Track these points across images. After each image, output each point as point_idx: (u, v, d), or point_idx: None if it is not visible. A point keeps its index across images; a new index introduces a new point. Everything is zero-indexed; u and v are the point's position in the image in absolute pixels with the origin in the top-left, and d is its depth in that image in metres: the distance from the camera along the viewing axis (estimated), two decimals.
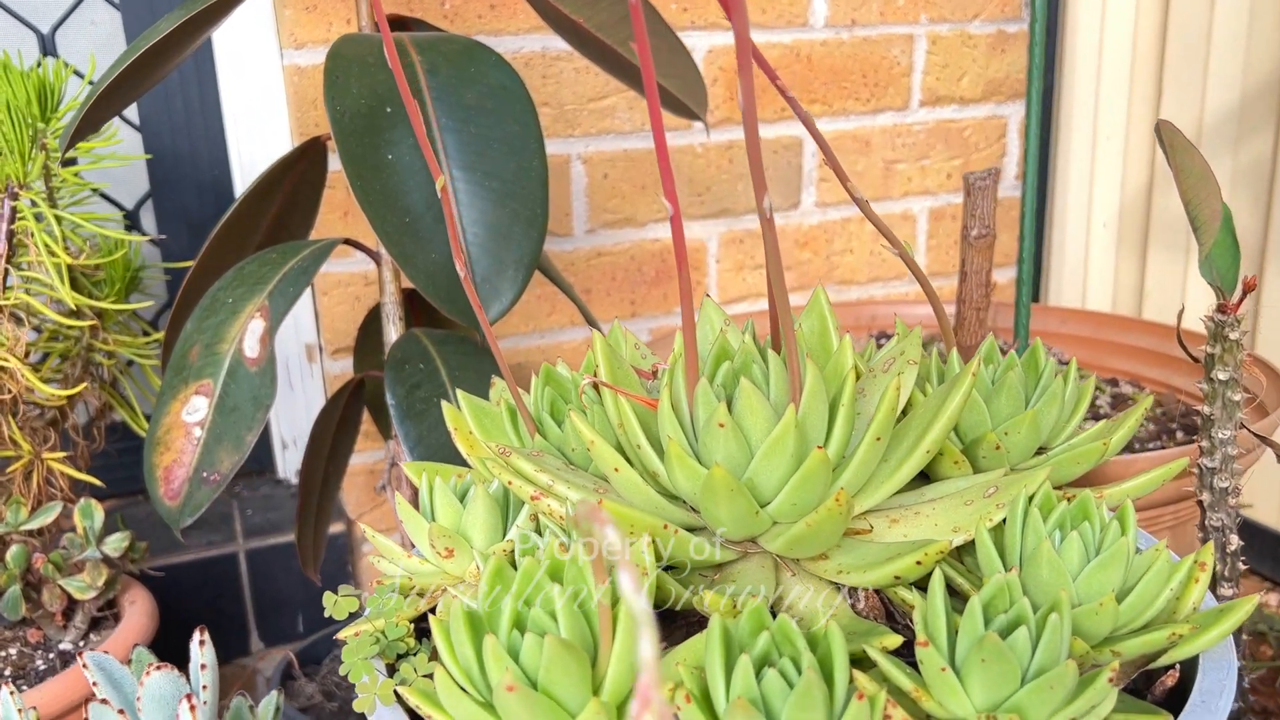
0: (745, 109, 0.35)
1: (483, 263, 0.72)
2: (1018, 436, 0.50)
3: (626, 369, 0.47)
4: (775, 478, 0.41)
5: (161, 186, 1.08)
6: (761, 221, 0.38)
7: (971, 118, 1.26)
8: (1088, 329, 1.03)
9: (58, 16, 1.03)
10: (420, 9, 1.03)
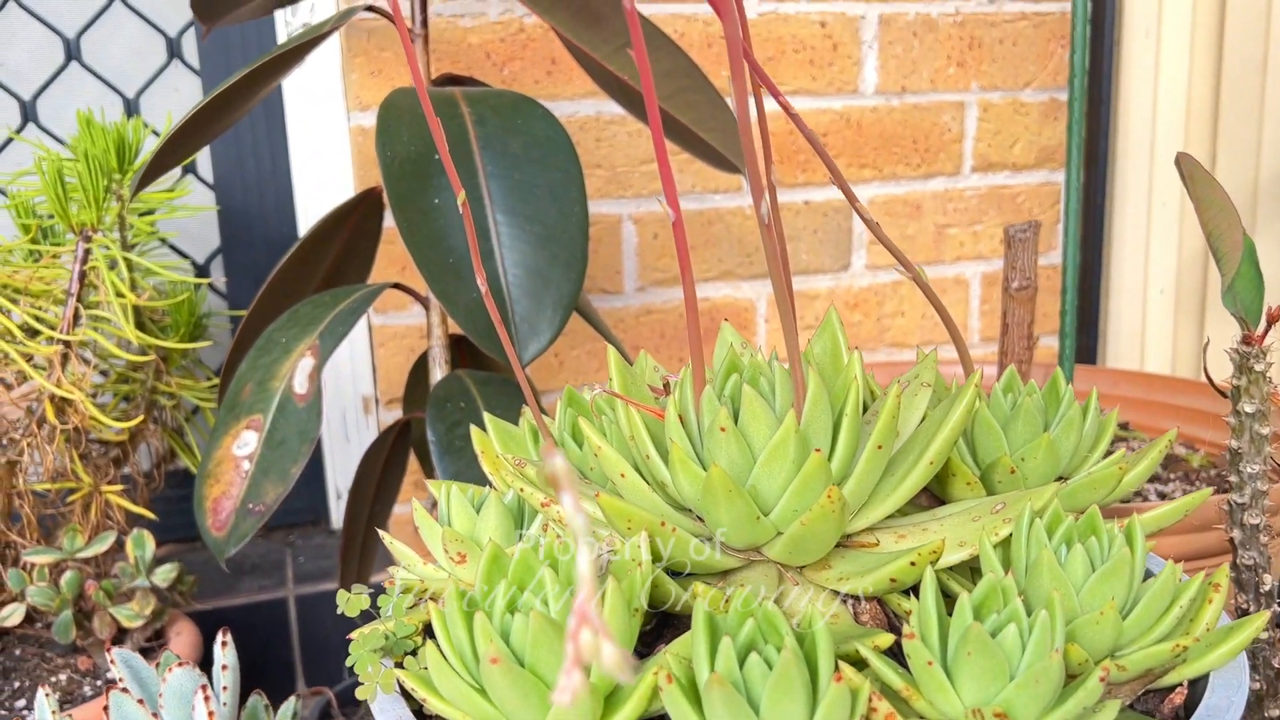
0: (738, 101, 0.37)
1: (522, 303, 0.74)
2: (1034, 462, 0.49)
3: (640, 383, 0.48)
4: (777, 484, 0.42)
5: (231, 242, 1.13)
6: (761, 228, 0.39)
7: (1025, 184, 1.26)
8: (1139, 390, 1.02)
9: (142, 82, 1.10)
10: (480, 73, 1.08)
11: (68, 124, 1.09)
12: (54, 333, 0.80)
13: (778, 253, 0.40)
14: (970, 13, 1.20)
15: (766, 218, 0.39)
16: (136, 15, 1.09)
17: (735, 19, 0.35)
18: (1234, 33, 1.10)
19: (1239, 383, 0.52)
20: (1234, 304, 0.52)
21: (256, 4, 0.92)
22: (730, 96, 1.14)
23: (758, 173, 0.38)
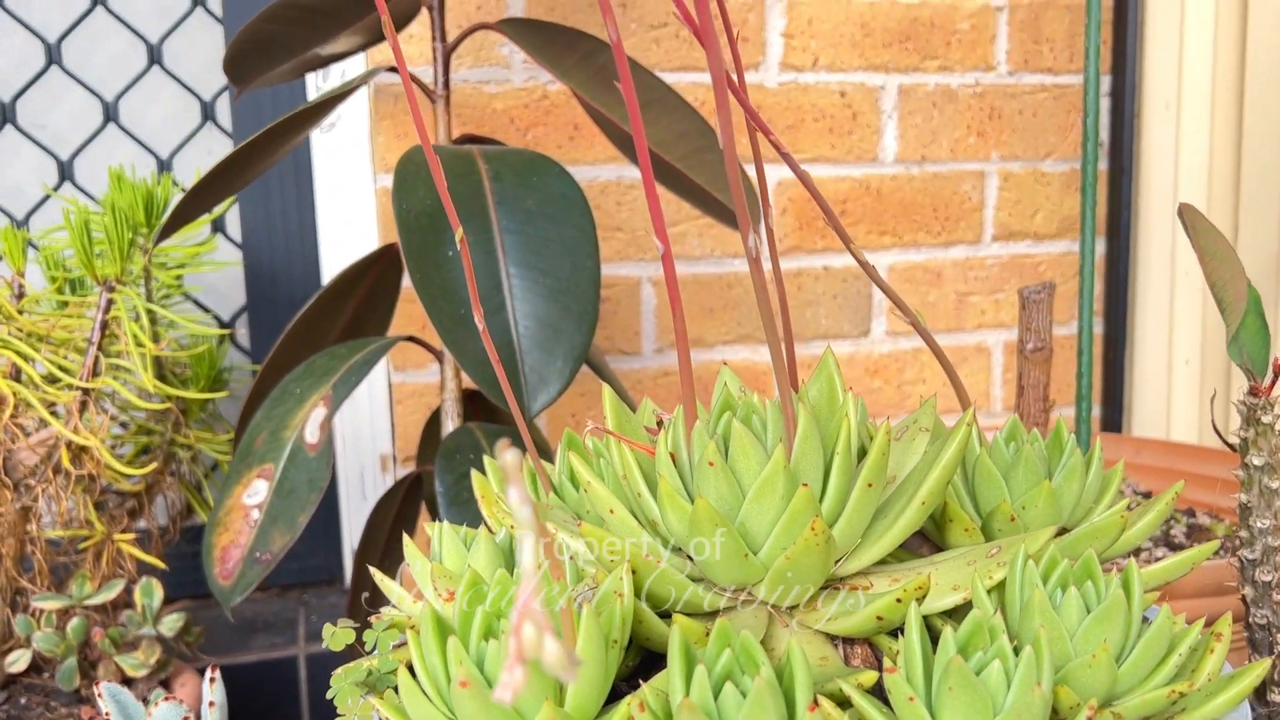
0: (725, 145, 0.37)
1: (533, 355, 0.75)
2: (1035, 511, 0.48)
3: (635, 422, 0.48)
4: (766, 520, 0.41)
5: (257, 300, 1.14)
6: (749, 261, 0.40)
7: (1046, 253, 1.26)
8: (1164, 459, 1.00)
9: (176, 143, 1.13)
10: (504, 137, 1.10)
11: (103, 183, 1.12)
12: (73, 379, 0.81)
13: (764, 285, 0.40)
14: (990, 84, 1.22)
15: (754, 251, 0.39)
16: (174, 80, 1.12)
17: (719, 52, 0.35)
18: (1253, 106, 1.10)
19: (1247, 435, 0.51)
20: (1239, 355, 0.51)
21: (287, 68, 0.95)
22: (750, 163, 1.16)
23: (744, 206, 0.38)
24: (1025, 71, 1.22)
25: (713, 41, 0.35)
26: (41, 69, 1.09)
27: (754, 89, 1.15)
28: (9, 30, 1.08)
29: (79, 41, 1.10)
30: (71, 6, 1.09)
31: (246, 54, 0.92)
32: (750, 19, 1.14)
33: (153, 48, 1.11)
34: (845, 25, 1.17)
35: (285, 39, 0.90)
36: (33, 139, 1.10)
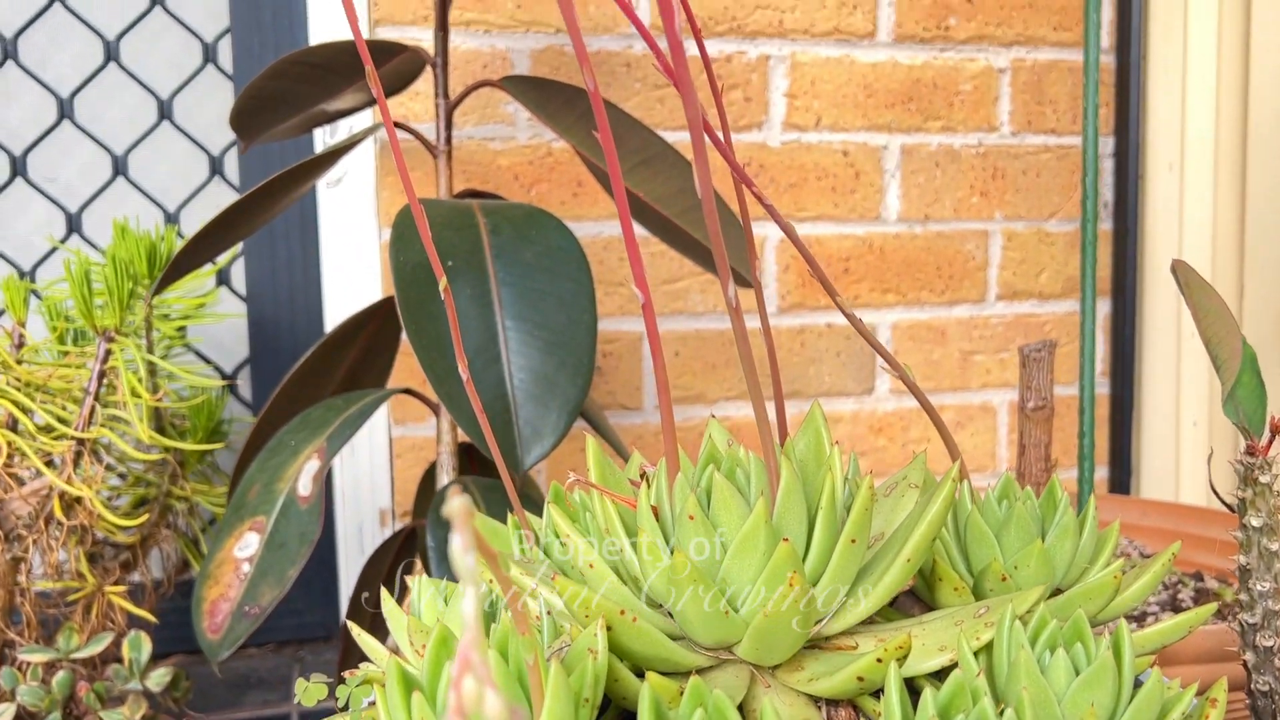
0: (703, 194, 0.37)
1: (527, 408, 0.74)
2: (1027, 570, 0.47)
3: (619, 475, 0.47)
4: (747, 576, 0.40)
5: (260, 352, 1.14)
6: (729, 311, 0.39)
7: (1051, 313, 1.26)
8: (1170, 521, 0.98)
9: (184, 197, 1.14)
10: (508, 193, 1.11)
11: (109, 236, 1.13)
12: (68, 429, 0.81)
13: (744, 333, 0.39)
14: (993, 145, 1.22)
15: (734, 301, 0.39)
16: (183, 135, 1.13)
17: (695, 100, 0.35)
18: (1256, 167, 1.10)
19: (1244, 495, 0.50)
20: (1235, 414, 0.50)
21: (294, 123, 0.96)
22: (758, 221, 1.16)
23: (722, 255, 0.38)
24: (1028, 132, 1.23)
25: (688, 89, 0.35)
26: (54, 123, 1.11)
27: (757, 148, 1.16)
28: (24, 85, 1.10)
29: (92, 96, 1.11)
30: (85, 63, 1.11)
31: (253, 110, 0.93)
32: (754, 79, 1.15)
33: (163, 103, 1.13)
34: (848, 86, 1.18)
35: (291, 95, 0.91)
36: (43, 192, 1.11)
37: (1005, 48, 1.21)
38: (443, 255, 0.77)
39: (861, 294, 1.20)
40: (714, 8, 1.13)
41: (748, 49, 1.15)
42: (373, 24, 1.07)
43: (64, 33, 1.10)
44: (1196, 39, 1.16)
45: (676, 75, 0.36)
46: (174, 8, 1.12)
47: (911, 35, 1.19)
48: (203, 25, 1.13)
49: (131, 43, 1.12)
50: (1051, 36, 1.22)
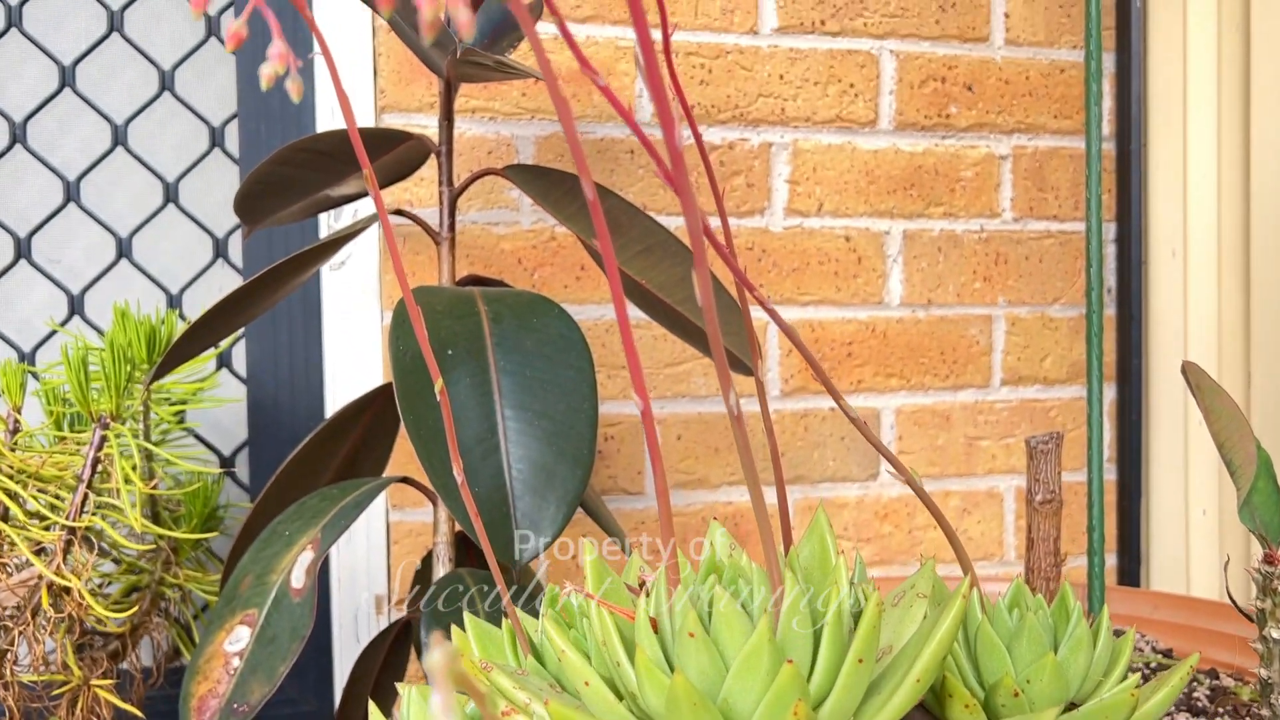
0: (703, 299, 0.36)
1: (525, 499, 0.73)
2: (1040, 685, 0.46)
3: (617, 583, 0.46)
4: (749, 700, 0.39)
5: (259, 435, 1.13)
6: (731, 418, 0.38)
7: (1057, 398, 1.25)
8: (1183, 615, 0.96)
9: (187, 279, 1.14)
10: (511, 277, 1.11)
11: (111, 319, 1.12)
12: (59, 518, 0.79)
13: (746, 443, 0.38)
14: (995, 230, 1.22)
15: (735, 409, 0.38)
16: (188, 218, 1.14)
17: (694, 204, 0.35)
18: (1259, 255, 1.10)
19: (1263, 606, 0.49)
20: (1251, 520, 0.49)
21: (298, 209, 0.96)
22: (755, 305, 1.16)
23: (724, 362, 0.37)
24: (1030, 218, 1.23)
25: (688, 199, 0.35)
26: (59, 206, 1.11)
27: (759, 233, 1.16)
28: (31, 168, 1.11)
29: (99, 179, 1.12)
30: (94, 147, 1.12)
31: (257, 195, 0.93)
32: (756, 165, 1.16)
33: (169, 186, 1.13)
34: (850, 173, 1.18)
35: (296, 181, 0.92)
36: (46, 274, 1.11)
37: (1006, 135, 1.22)
38: (443, 344, 0.77)
39: (865, 378, 1.19)
40: (717, 96, 1.14)
41: (750, 136, 1.16)
42: (379, 110, 1.08)
43: (73, 118, 1.11)
44: (1196, 127, 1.16)
45: (677, 184, 0.36)
46: (183, 93, 1.13)
47: (913, 123, 1.20)
48: (211, 110, 1.14)
49: (140, 127, 1.12)
50: (1052, 124, 1.23)
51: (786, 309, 1.17)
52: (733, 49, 1.15)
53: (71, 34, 1.11)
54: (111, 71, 1.12)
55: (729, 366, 0.90)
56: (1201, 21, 1.16)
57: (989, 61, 1.22)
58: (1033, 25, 1.23)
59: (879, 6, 1.18)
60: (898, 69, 1.19)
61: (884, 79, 1.19)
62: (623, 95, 1.13)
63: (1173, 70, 1.18)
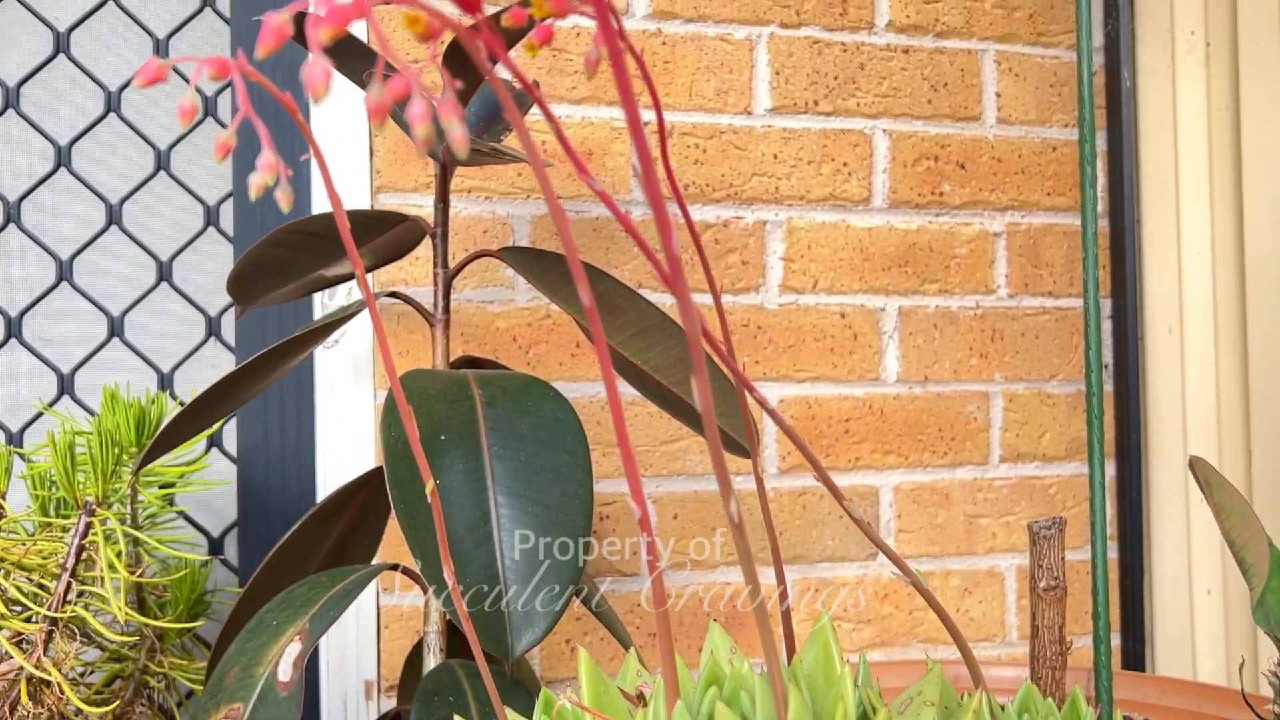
0: (701, 404, 0.35)
1: (519, 590, 0.71)
2: None
3: (613, 693, 0.45)
4: None
5: (248, 516, 1.12)
6: (731, 526, 0.37)
7: (1056, 475, 1.24)
8: (1192, 702, 0.94)
9: (179, 357, 1.13)
10: (506, 355, 1.10)
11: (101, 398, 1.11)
12: (41, 608, 0.78)
13: (748, 551, 0.37)
14: (990, 307, 1.22)
15: (736, 517, 0.37)
16: (181, 296, 1.13)
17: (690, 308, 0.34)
18: (1257, 334, 1.10)
19: (1278, 710, 0.47)
20: (1266, 621, 0.48)
21: (291, 289, 0.95)
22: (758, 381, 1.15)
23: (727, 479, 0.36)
24: (1025, 295, 1.23)
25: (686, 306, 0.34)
26: (52, 285, 1.11)
27: (754, 310, 1.16)
28: (23, 247, 1.10)
29: (92, 257, 1.12)
30: (87, 225, 1.12)
31: (251, 275, 0.93)
32: (751, 243, 1.16)
33: (163, 264, 1.13)
34: (844, 250, 1.18)
35: (290, 262, 0.91)
36: (35, 353, 1.10)
37: (1000, 212, 1.23)
38: (437, 428, 0.76)
39: (862, 455, 1.18)
40: (711, 175, 1.15)
41: (744, 214, 1.16)
42: (375, 191, 1.08)
43: (68, 197, 1.11)
44: (1189, 204, 1.17)
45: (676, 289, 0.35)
46: (179, 172, 1.13)
47: (906, 201, 1.20)
48: (206, 189, 1.14)
49: (135, 205, 1.12)
50: (1045, 201, 1.24)
51: (783, 385, 1.16)
52: (727, 129, 1.16)
53: (68, 113, 1.12)
54: (108, 151, 1.13)
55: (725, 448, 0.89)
56: (1191, 100, 1.17)
57: (981, 140, 1.23)
58: (1024, 104, 1.24)
59: (871, 86, 1.19)
60: (891, 148, 1.20)
61: (877, 158, 1.20)
62: (618, 174, 1.13)
63: (1164, 148, 1.19)
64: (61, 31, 1.11)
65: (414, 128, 0.27)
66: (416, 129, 0.27)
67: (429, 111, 0.27)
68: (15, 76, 1.10)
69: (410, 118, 0.27)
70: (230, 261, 1.14)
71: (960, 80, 1.22)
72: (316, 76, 0.27)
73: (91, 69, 1.12)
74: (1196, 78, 1.17)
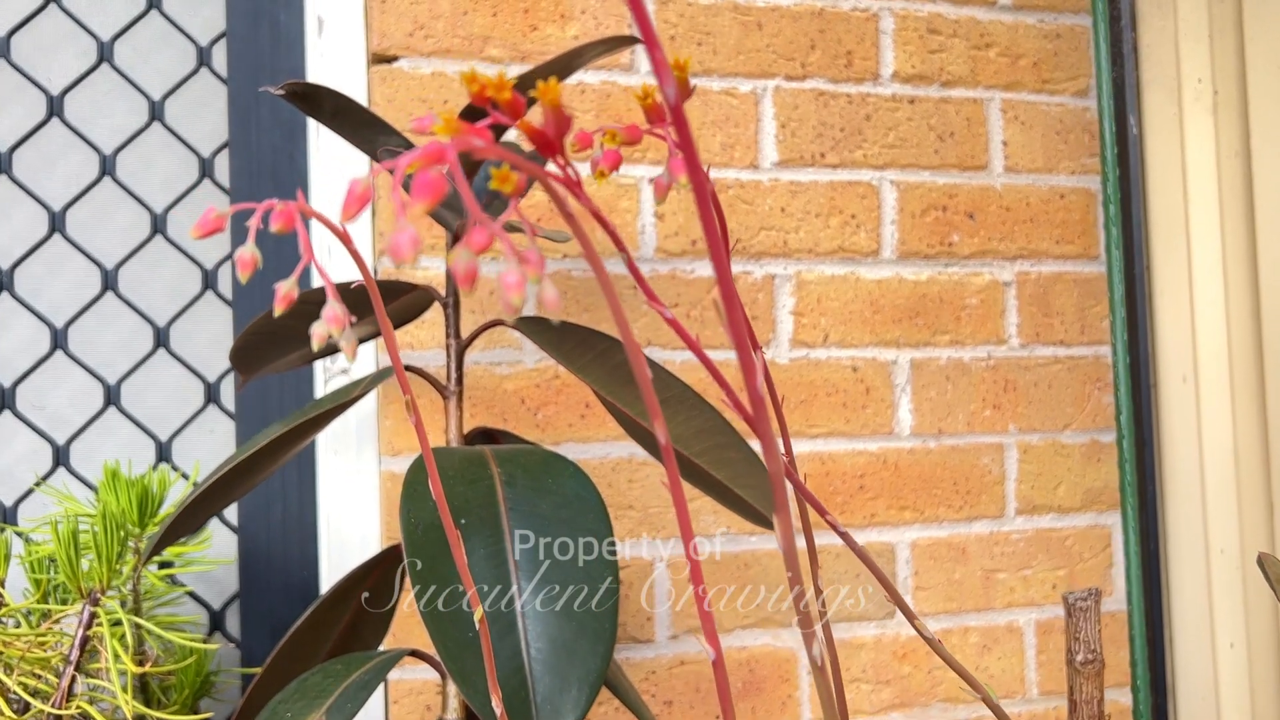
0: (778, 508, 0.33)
1: (545, 680, 0.69)
2: None
3: None
4: None
5: (250, 588, 1.09)
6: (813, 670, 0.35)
7: (1072, 527, 1.22)
8: None
9: (178, 425, 1.10)
10: (514, 420, 1.08)
11: (97, 468, 1.08)
12: (46, 706, 0.74)
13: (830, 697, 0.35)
14: (1002, 357, 1.21)
15: (819, 660, 0.35)
16: (178, 362, 1.11)
17: None
18: (1274, 381, 1.09)
19: None
20: None
21: (295, 357, 0.93)
22: None
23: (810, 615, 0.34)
24: (1038, 344, 1.22)
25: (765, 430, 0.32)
26: (46, 353, 1.08)
27: (766, 366, 1.14)
28: (16, 314, 1.08)
29: (86, 324, 1.09)
30: (82, 293, 1.09)
31: (254, 345, 0.90)
32: (760, 298, 1.14)
33: (159, 330, 1.10)
34: (854, 303, 1.17)
35: (294, 331, 0.89)
36: (29, 423, 1.07)
37: (1009, 261, 1.22)
38: (457, 511, 0.73)
39: (878, 511, 1.16)
40: None
41: (753, 269, 1.14)
42: (378, 255, 1.06)
43: (61, 260, 1.09)
44: (1200, 252, 1.16)
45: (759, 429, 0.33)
46: (174, 234, 1.11)
47: (915, 252, 1.19)
48: (203, 252, 1.12)
49: (131, 270, 1.10)
50: (1054, 250, 1.23)
51: (796, 442, 1.14)
52: (734, 183, 1.14)
53: (62, 177, 1.09)
54: (102, 217, 1.10)
55: (747, 515, 0.86)
56: (1200, 147, 1.16)
57: (989, 189, 1.21)
58: (1031, 152, 1.23)
59: (878, 137, 1.18)
60: (899, 199, 1.19)
61: (885, 209, 1.18)
62: (625, 231, 1.12)
63: (1173, 195, 1.18)
64: (55, 95, 1.09)
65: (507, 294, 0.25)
66: (510, 297, 0.25)
67: (523, 279, 0.25)
68: (7, 141, 1.08)
69: (504, 284, 0.25)
70: (228, 325, 1.12)
71: (967, 129, 1.21)
72: (404, 244, 0.25)
73: (85, 132, 1.10)
74: (1204, 125, 1.16)
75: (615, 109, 1.11)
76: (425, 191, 0.25)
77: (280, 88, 0.76)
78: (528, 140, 0.34)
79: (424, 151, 0.28)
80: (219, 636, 1.09)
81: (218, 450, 1.11)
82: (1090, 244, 1.25)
